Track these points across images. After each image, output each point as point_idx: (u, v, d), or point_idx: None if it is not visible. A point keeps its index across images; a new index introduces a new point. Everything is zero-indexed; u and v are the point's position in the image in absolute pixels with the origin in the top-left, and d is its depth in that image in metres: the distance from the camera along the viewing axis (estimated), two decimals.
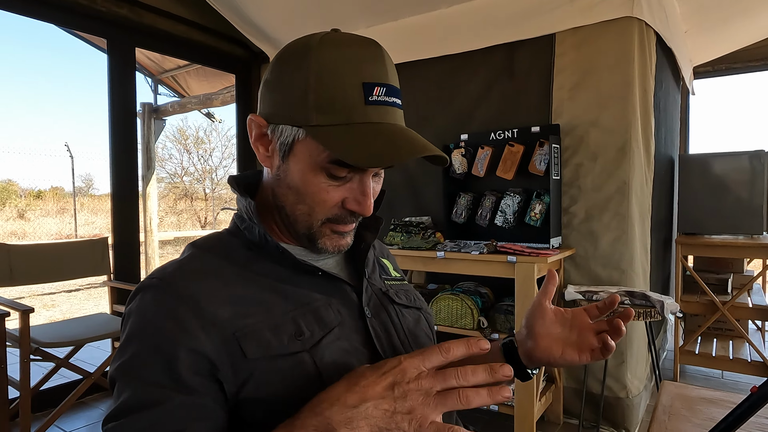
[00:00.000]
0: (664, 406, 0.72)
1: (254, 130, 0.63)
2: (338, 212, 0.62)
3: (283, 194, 0.63)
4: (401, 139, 0.57)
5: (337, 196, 0.61)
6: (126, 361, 0.53)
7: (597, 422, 2.14)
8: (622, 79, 2.17)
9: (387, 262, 0.80)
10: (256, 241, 0.64)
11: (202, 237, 0.66)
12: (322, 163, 0.59)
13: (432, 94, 2.68)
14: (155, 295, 0.56)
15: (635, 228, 2.23)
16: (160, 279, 0.57)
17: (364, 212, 0.61)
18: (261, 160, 0.64)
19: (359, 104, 0.57)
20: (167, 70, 5.03)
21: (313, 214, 0.62)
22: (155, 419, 0.50)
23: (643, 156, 2.30)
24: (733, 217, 2.84)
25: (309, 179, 0.60)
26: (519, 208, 2.27)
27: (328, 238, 0.63)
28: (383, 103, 0.58)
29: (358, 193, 0.61)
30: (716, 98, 15.39)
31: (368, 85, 0.57)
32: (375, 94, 0.57)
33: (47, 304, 6.66)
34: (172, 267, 0.60)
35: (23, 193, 18.25)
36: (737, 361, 2.71)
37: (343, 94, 0.56)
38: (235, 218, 0.68)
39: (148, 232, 5.80)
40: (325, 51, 0.57)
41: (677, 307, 1.87)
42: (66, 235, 13.49)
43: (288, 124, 0.59)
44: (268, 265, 0.63)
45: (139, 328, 0.54)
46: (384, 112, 0.58)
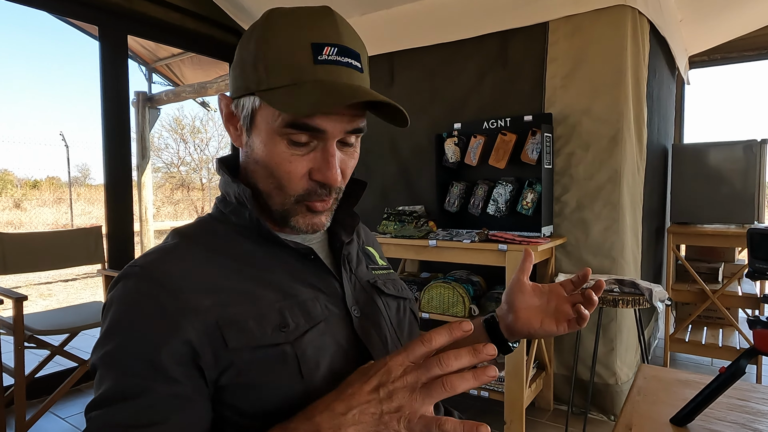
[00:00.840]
0: (639, 387, 0.73)
1: (223, 110, 0.64)
2: (308, 186, 0.61)
3: (253, 171, 0.63)
4: (346, 88, 0.56)
5: (302, 167, 0.60)
6: (108, 351, 0.53)
7: (586, 408, 2.17)
8: (615, 68, 2.17)
9: (373, 250, 0.80)
10: (246, 225, 0.63)
11: (186, 224, 0.66)
12: (278, 129, 0.58)
13: (425, 83, 2.68)
14: (137, 283, 0.55)
15: (626, 217, 2.24)
16: (141, 267, 0.57)
17: (330, 181, 0.59)
18: (234, 141, 0.65)
19: (308, 64, 0.56)
20: (161, 59, 5.00)
21: (284, 189, 0.61)
22: (137, 410, 0.50)
23: (635, 145, 2.31)
24: (726, 206, 2.85)
25: (271, 149, 0.60)
26: (511, 196, 2.28)
27: (301, 217, 0.63)
28: (335, 63, 0.57)
29: (321, 162, 0.59)
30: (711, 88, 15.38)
31: (317, 45, 0.56)
32: (325, 54, 0.56)
33: (43, 293, 6.67)
34: (155, 254, 0.59)
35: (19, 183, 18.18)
36: (726, 348, 2.74)
37: (290, 55, 0.56)
38: (218, 202, 0.67)
39: (144, 222, 5.80)
40: (273, 19, 0.58)
41: (666, 295, 1.89)
42: (62, 225, 13.46)
43: (245, 94, 0.60)
44: (256, 252, 0.62)
45: (121, 317, 0.54)
46: (336, 72, 0.57)
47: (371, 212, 2.80)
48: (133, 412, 0.50)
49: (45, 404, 2.17)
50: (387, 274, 0.77)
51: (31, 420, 2.11)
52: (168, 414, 0.50)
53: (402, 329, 0.71)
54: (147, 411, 0.50)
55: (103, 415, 0.50)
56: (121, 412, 0.50)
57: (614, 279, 2.07)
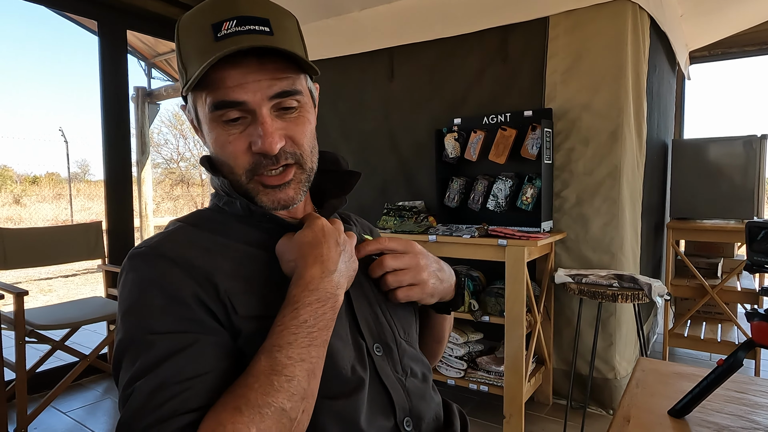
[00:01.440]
0: (637, 379, 0.74)
1: (187, 119, 0.67)
2: (252, 160, 0.62)
3: (219, 164, 0.65)
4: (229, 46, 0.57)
5: (242, 143, 0.61)
6: (136, 322, 0.53)
7: (585, 403, 2.18)
8: (615, 63, 2.17)
9: (369, 238, 0.81)
10: (240, 213, 0.65)
11: (186, 214, 0.67)
12: (210, 114, 0.61)
13: (425, 78, 2.67)
14: (146, 260, 0.57)
15: (626, 212, 2.24)
16: (149, 247, 0.59)
17: (266, 149, 0.59)
18: (203, 143, 0.66)
19: (210, 44, 0.58)
20: (160, 54, 4.99)
21: (235, 169, 0.63)
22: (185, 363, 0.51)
23: (635, 140, 2.31)
24: (725, 202, 2.85)
25: (215, 137, 0.62)
26: (511, 192, 2.28)
27: (263, 194, 0.64)
28: (234, 34, 0.58)
29: (256, 134, 0.60)
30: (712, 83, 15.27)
31: (216, 25, 0.58)
32: (224, 29, 0.58)
33: (44, 288, 6.68)
34: (161, 237, 0.61)
35: (18, 179, 18.16)
36: (725, 343, 2.75)
37: (196, 42, 0.59)
38: (212, 197, 0.69)
39: (144, 218, 5.80)
40: (181, 21, 0.63)
41: (665, 290, 1.89)
42: (62, 220, 13.46)
43: (184, 94, 0.64)
44: (253, 233, 0.64)
45: (141, 288, 0.55)
46: (236, 40, 0.57)
47: (371, 207, 2.80)
48: (181, 366, 0.50)
49: (46, 399, 2.18)
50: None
51: (33, 414, 2.12)
52: (215, 361, 0.52)
53: (396, 312, 0.71)
54: (194, 362, 0.51)
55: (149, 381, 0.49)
56: (168, 370, 0.50)
57: (613, 274, 2.07)
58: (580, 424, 2.13)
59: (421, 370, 0.70)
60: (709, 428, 0.62)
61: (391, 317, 0.69)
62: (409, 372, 0.67)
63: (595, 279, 2.03)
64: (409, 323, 0.72)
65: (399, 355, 0.67)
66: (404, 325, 0.70)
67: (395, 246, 0.67)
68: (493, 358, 2.26)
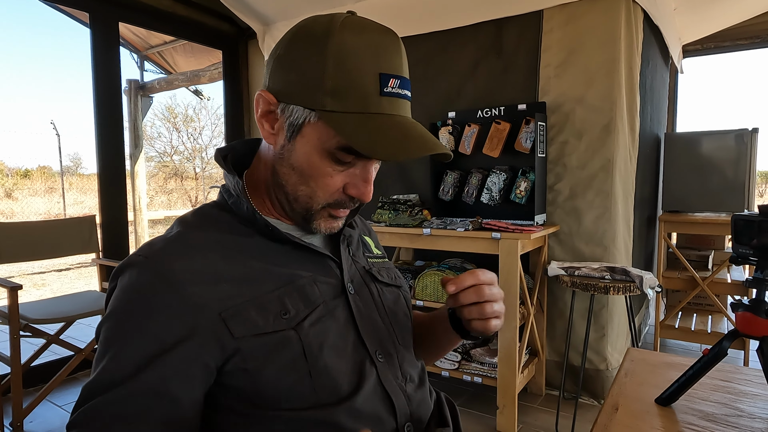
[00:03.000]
0: (626, 369, 0.76)
1: (261, 107, 0.62)
2: (339, 197, 0.63)
3: (285, 173, 0.63)
4: (413, 134, 0.59)
5: (340, 181, 0.62)
6: (108, 338, 0.55)
7: (577, 393, 2.21)
8: (609, 57, 2.18)
9: (369, 239, 0.83)
10: (245, 216, 0.65)
11: (191, 212, 0.67)
12: (330, 148, 0.59)
13: (419, 72, 2.67)
14: (140, 275, 0.56)
15: (618, 205, 2.26)
16: (145, 257, 0.58)
17: (364, 198, 0.63)
18: (265, 137, 0.65)
19: (374, 94, 0.57)
20: (153, 46, 4.94)
21: (315, 198, 0.63)
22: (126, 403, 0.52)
23: (628, 134, 2.32)
24: (717, 195, 2.88)
25: (315, 162, 0.61)
26: (505, 185, 2.29)
27: (323, 221, 0.65)
28: (397, 95, 0.59)
29: (359, 180, 0.62)
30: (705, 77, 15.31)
31: (385, 76, 0.58)
32: (390, 86, 0.58)
33: (37, 283, 6.65)
34: (159, 245, 0.60)
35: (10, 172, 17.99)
36: (715, 334, 2.79)
37: (360, 82, 0.57)
38: (223, 191, 0.68)
39: (138, 211, 5.78)
40: (346, 35, 0.57)
41: (656, 282, 1.92)
42: (55, 214, 13.37)
43: (300, 105, 0.59)
44: (256, 242, 0.64)
45: (123, 308, 0.55)
46: (396, 104, 0.59)
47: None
48: (121, 403, 0.51)
49: (42, 392, 2.18)
50: (382, 263, 0.79)
51: (28, 408, 2.13)
52: (154, 413, 0.52)
53: (396, 318, 0.72)
54: (133, 404, 0.52)
55: (96, 404, 0.52)
56: (110, 401, 0.51)
57: (606, 266, 2.10)
58: (572, 414, 2.16)
59: (417, 374, 0.72)
60: (695, 415, 0.63)
61: (391, 324, 0.70)
62: (408, 377, 0.69)
63: (587, 271, 2.05)
64: (407, 329, 0.74)
65: (399, 361, 0.68)
66: (402, 331, 0.72)
67: (491, 278, 0.67)
68: (486, 349, 2.28)
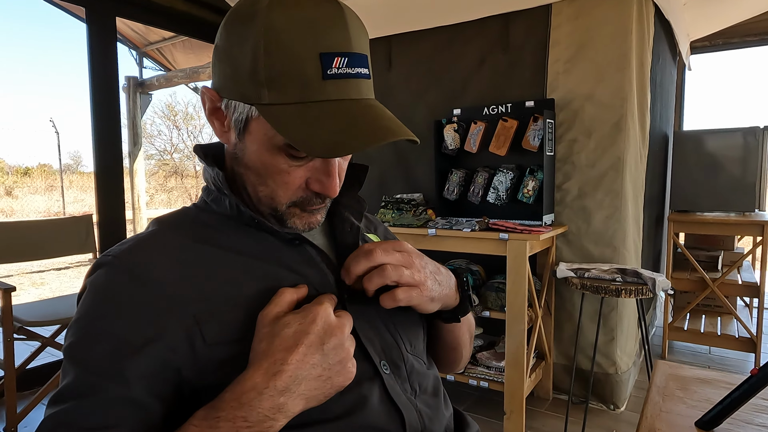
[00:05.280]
0: (658, 386, 0.70)
1: (207, 104, 0.58)
2: (303, 194, 0.57)
3: (243, 174, 0.59)
4: (362, 122, 0.51)
5: (300, 177, 0.56)
6: (73, 343, 0.50)
7: (586, 398, 2.16)
8: (619, 52, 2.11)
9: (374, 236, 0.76)
10: (227, 213, 0.60)
11: (168, 212, 0.62)
12: (279, 143, 0.53)
13: (423, 68, 2.61)
14: (108, 274, 0.52)
15: (628, 205, 2.20)
16: (115, 256, 0.53)
17: (329, 193, 0.56)
18: (218, 136, 0.60)
19: (315, 79, 0.50)
20: (152, 43, 4.88)
21: (276, 197, 0.57)
22: (91, 410, 0.47)
23: (638, 132, 2.26)
24: (726, 194, 2.82)
25: (267, 160, 0.55)
26: (512, 184, 2.23)
27: (297, 218, 0.59)
28: (344, 76, 0.51)
29: (321, 173, 0.56)
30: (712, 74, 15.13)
31: (326, 56, 0.50)
32: (334, 66, 0.50)
33: (36, 282, 6.61)
34: (131, 243, 0.56)
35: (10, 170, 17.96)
36: (725, 337, 2.74)
37: (296, 68, 0.50)
38: (202, 191, 0.64)
39: (137, 210, 5.72)
40: (275, 14, 0.50)
41: (668, 285, 1.86)
42: (54, 213, 13.33)
43: (239, 100, 0.53)
44: (239, 237, 0.58)
45: (91, 311, 0.51)
46: (345, 87, 0.52)
47: (368, 200, 2.73)
48: (88, 413, 0.47)
49: (37, 396, 2.13)
50: None
51: (23, 412, 2.07)
52: (121, 421, 0.47)
53: (403, 323, 0.65)
54: (101, 413, 0.47)
55: (58, 413, 0.47)
56: (76, 411, 0.47)
57: (616, 268, 2.04)
58: (580, 419, 2.10)
59: (432, 384, 0.65)
60: None
61: (396, 330, 0.63)
62: (419, 389, 0.62)
63: (597, 273, 1.99)
64: (416, 334, 0.66)
65: (407, 372, 0.61)
66: (410, 337, 0.65)
67: (386, 246, 0.59)
68: (493, 353, 2.23)
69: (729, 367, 2.73)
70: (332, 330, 0.51)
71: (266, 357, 0.48)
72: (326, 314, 0.51)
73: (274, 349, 0.48)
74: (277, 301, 0.52)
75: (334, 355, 0.50)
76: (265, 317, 0.51)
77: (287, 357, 0.47)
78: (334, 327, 0.51)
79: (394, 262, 0.57)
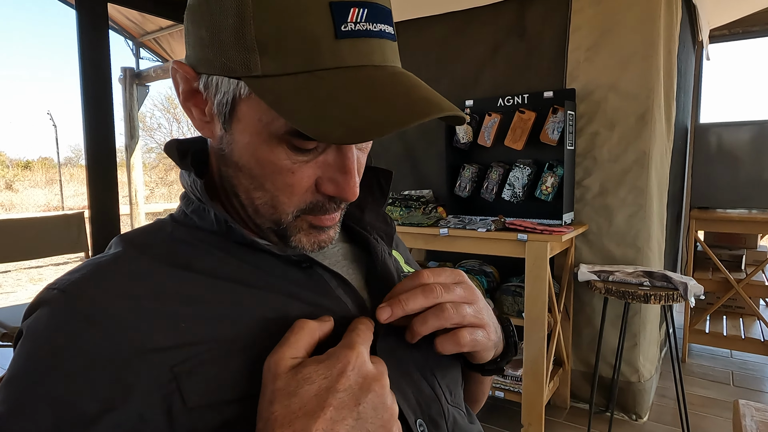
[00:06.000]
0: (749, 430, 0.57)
1: (181, 85, 0.43)
2: (314, 199, 0.43)
3: (232, 176, 0.44)
4: (392, 95, 0.37)
5: (308, 177, 0.42)
6: (2, 415, 0.35)
7: (608, 407, 2.03)
8: (646, 38, 1.96)
9: (397, 254, 0.61)
10: (213, 229, 0.45)
11: (138, 228, 0.48)
12: (278, 131, 0.39)
13: (433, 56, 2.46)
14: (53, 316, 0.37)
15: (653, 203, 2.06)
16: (62, 290, 0.39)
17: (347, 196, 0.42)
18: (197, 128, 0.45)
19: (326, 38, 0.37)
20: (149, 32, 4.73)
21: (279, 206, 0.43)
22: None
23: (664, 124, 2.12)
24: (747, 189, 2.69)
25: (263, 155, 0.40)
26: (529, 180, 2.09)
27: (304, 234, 0.45)
28: (365, 34, 0.38)
29: (335, 170, 0.42)
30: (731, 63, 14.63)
31: (339, 6, 0.36)
32: (351, 20, 0.37)
33: (34, 277, 6.51)
34: (85, 271, 0.41)
35: (11, 164, 17.87)
36: (749, 340, 2.60)
37: (297, 23, 0.36)
38: (181, 200, 0.49)
39: (134, 205, 5.59)
40: None
41: (701, 290, 1.72)
42: (54, 206, 13.23)
43: (222, 74, 0.39)
44: (229, 263, 0.44)
45: (25, 368, 0.36)
46: (366, 49, 0.38)
47: None
48: None
49: None
50: None
51: None
52: None
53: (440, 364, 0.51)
54: None
55: None
56: None
57: (642, 271, 1.90)
58: (600, 430, 1.98)
59: None
60: None
61: (434, 376, 0.49)
62: None
63: (622, 277, 1.85)
64: (455, 380, 0.52)
65: (449, 429, 0.48)
66: (450, 385, 0.51)
67: (445, 279, 0.46)
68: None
69: (752, 372, 2.60)
70: (369, 384, 0.37)
71: (280, 426, 0.34)
72: (360, 362, 0.37)
73: (290, 414, 0.34)
74: (292, 342, 0.38)
75: (375, 418, 0.36)
76: (276, 365, 0.36)
77: (310, 425, 0.33)
78: (371, 379, 0.37)
79: (456, 300, 0.44)
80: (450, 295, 0.44)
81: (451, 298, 0.44)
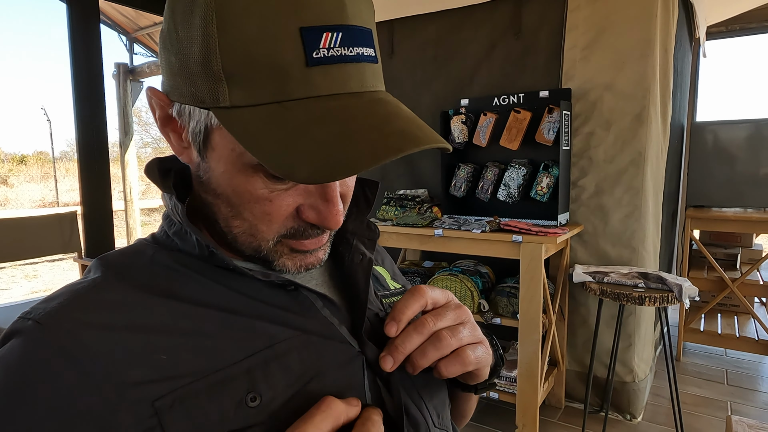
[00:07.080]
0: None
1: (157, 111, 0.41)
2: (294, 225, 0.41)
3: (212, 203, 0.42)
4: (368, 127, 0.35)
5: (287, 206, 0.40)
6: None
7: (603, 407, 2.03)
8: (642, 37, 1.95)
9: (382, 270, 0.60)
10: (195, 253, 0.44)
11: (118, 249, 0.46)
12: (251, 161, 0.37)
13: (428, 55, 2.44)
14: (26, 350, 0.36)
15: (649, 203, 2.05)
16: (37, 321, 0.37)
17: (328, 225, 0.40)
18: (176, 153, 0.43)
19: (296, 66, 0.34)
20: (143, 28, 4.68)
21: (257, 233, 0.41)
22: None
23: (660, 124, 2.10)
24: (742, 188, 2.69)
25: (239, 184, 0.39)
26: (524, 181, 2.08)
27: (288, 258, 0.43)
28: (338, 60, 0.35)
29: (317, 198, 0.40)
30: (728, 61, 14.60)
31: (310, 32, 0.34)
32: (323, 46, 0.35)
33: (29, 274, 6.48)
34: (62, 299, 0.39)
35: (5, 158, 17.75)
36: (744, 339, 2.61)
37: (266, 50, 0.34)
38: (163, 219, 0.47)
39: (129, 202, 5.55)
40: None
41: (696, 291, 1.72)
42: (49, 202, 13.16)
43: (192, 104, 0.38)
44: (213, 289, 0.42)
45: None
46: (341, 76, 0.36)
47: None
48: None
49: None
50: None
51: None
52: None
53: (429, 387, 0.50)
54: None
55: None
56: None
57: (637, 272, 1.90)
58: (595, 430, 1.98)
59: None
60: None
61: (421, 398, 0.48)
62: None
63: (617, 278, 1.85)
64: (442, 401, 0.51)
65: None
66: (437, 407, 0.50)
67: (437, 296, 0.45)
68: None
69: (746, 370, 2.60)
70: None
71: None
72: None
73: None
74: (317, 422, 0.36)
75: None
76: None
77: None
78: None
79: (450, 324, 0.44)
80: (443, 321, 0.43)
81: (444, 324, 0.43)
